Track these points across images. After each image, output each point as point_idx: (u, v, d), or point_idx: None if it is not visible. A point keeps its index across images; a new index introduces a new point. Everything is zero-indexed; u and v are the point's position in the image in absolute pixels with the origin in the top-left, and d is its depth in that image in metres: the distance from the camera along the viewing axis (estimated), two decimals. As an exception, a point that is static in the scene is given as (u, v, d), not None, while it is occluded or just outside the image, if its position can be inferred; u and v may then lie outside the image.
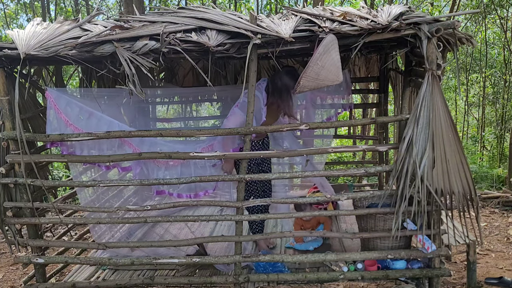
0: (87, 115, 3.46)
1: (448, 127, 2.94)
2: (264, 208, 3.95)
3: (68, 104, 3.37)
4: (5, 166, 3.26)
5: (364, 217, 3.54)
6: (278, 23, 3.00)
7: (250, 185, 3.89)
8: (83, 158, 3.38)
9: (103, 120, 3.46)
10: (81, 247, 4.09)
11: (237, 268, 3.38)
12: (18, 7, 10.96)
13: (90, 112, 3.45)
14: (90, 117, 3.46)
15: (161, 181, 3.28)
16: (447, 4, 10.46)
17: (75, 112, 3.40)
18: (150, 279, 3.40)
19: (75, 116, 3.42)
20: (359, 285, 3.54)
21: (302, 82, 3.00)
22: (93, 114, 3.47)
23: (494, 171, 7.87)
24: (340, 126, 4.03)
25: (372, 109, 6.88)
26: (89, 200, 3.84)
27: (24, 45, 2.86)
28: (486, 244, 4.61)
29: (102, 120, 3.46)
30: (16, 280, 4.17)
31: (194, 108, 5.66)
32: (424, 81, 2.91)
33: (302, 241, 4.11)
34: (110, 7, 11.37)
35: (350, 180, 7.62)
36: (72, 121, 3.38)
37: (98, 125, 3.42)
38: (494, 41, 10.65)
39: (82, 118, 3.46)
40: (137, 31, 2.95)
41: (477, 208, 3.01)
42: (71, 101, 3.41)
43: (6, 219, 3.35)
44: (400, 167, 3.00)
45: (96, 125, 3.42)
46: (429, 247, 3.15)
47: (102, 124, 3.43)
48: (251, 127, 3.15)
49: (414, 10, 3.10)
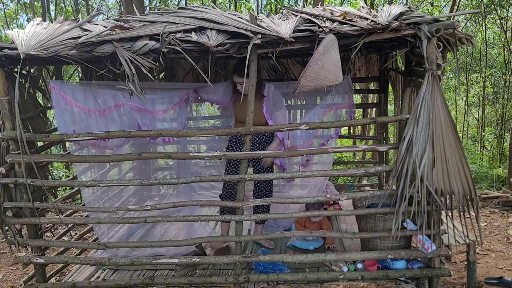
0: (93, 96, 3.52)
1: (448, 127, 2.94)
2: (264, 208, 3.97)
3: (73, 90, 3.43)
4: (5, 166, 3.26)
5: (364, 217, 3.54)
6: (278, 23, 3.00)
7: (232, 187, 3.85)
8: (83, 158, 3.38)
9: (107, 94, 3.56)
10: (81, 247, 4.09)
11: (237, 268, 3.38)
12: (18, 7, 10.96)
13: (95, 92, 3.53)
14: (96, 96, 3.53)
15: (161, 181, 3.28)
16: (447, 4, 10.46)
17: (81, 95, 3.46)
18: (150, 279, 3.40)
19: (82, 98, 3.47)
20: (359, 285, 3.54)
21: (302, 82, 3.00)
22: (98, 93, 3.55)
23: (494, 171, 7.87)
24: (340, 126, 4.02)
25: (372, 109, 6.88)
26: (89, 200, 3.84)
27: (24, 45, 2.85)
28: (486, 244, 4.61)
29: (107, 94, 3.56)
30: (16, 280, 4.17)
31: (194, 108, 5.66)
32: (424, 81, 2.90)
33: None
34: (110, 7, 11.37)
35: (350, 180, 7.62)
36: (80, 103, 3.43)
37: (105, 100, 3.54)
38: (494, 41, 10.65)
39: (90, 99, 3.50)
40: (137, 31, 2.95)
41: (477, 208, 3.01)
42: (75, 87, 3.50)
43: (6, 219, 3.35)
44: (400, 167, 3.00)
45: (103, 100, 3.53)
46: (429, 247, 3.15)
47: (108, 98, 3.54)
48: (251, 127, 3.14)
49: (414, 10, 3.10)
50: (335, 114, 4.43)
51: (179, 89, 4.20)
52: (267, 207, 4.03)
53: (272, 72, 5.48)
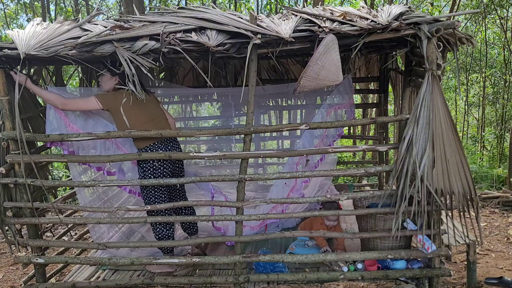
0: (85, 116, 3.57)
1: (448, 127, 2.94)
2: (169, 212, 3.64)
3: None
4: (5, 166, 3.26)
5: (364, 217, 3.54)
6: (278, 23, 2.99)
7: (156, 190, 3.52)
8: (83, 158, 3.39)
9: (99, 122, 3.59)
10: (81, 247, 4.09)
11: (237, 268, 3.38)
12: (18, 7, 10.94)
13: (87, 114, 3.57)
14: (87, 119, 3.58)
15: (161, 181, 3.28)
16: (447, 4, 10.45)
17: (74, 112, 3.49)
18: (150, 279, 3.40)
19: (73, 116, 3.52)
20: (359, 285, 3.54)
21: (302, 82, 3.00)
22: (90, 116, 3.59)
23: (494, 171, 7.86)
24: (340, 126, 4.01)
25: (372, 109, 6.89)
26: (89, 200, 3.84)
27: (24, 45, 2.86)
28: (486, 244, 4.61)
29: (98, 123, 3.58)
30: (16, 280, 4.16)
31: (194, 108, 5.67)
32: (424, 81, 2.90)
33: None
34: (110, 7, 11.36)
35: (350, 180, 7.62)
36: (71, 121, 3.47)
37: (95, 126, 3.55)
38: (494, 41, 10.64)
39: (80, 118, 3.53)
40: (137, 31, 2.95)
41: (477, 208, 3.01)
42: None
43: (6, 219, 3.35)
44: (400, 167, 3.00)
45: (93, 126, 3.54)
46: (429, 247, 3.15)
47: (99, 126, 3.55)
48: (251, 127, 3.14)
49: (414, 10, 3.10)
50: (335, 114, 4.42)
51: None
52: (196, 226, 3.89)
53: (272, 72, 5.48)
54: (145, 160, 3.37)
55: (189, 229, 3.84)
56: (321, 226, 3.78)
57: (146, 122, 3.37)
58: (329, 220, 3.76)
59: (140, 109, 3.34)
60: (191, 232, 3.85)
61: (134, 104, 3.26)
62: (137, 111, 3.33)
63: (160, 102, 3.73)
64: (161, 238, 3.56)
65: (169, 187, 3.60)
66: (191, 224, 3.82)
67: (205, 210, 4.81)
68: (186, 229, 3.85)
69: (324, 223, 3.79)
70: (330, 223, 3.77)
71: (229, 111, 5.63)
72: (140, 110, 3.34)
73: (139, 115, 3.35)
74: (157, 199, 3.48)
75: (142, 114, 3.37)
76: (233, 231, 3.41)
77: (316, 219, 3.85)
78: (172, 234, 3.58)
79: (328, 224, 3.78)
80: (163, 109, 3.69)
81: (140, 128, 3.29)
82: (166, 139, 3.47)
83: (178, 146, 3.60)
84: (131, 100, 3.22)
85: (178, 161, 3.58)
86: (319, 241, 3.77)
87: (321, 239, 3.76)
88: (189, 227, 3.83)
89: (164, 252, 3.62)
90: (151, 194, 3.48)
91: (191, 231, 3.85)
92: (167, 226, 3.55)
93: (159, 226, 3.54)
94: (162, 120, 3.51)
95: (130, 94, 3.16)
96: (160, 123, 3.46)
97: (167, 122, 3.57)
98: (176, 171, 3.59)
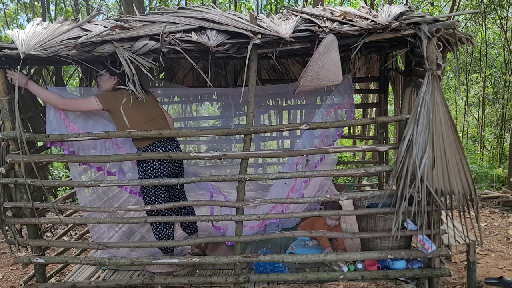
0: (85, 116, 3.56)
1: (448, 127, 2.94)
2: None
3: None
4: (5, 166, 3.26)
5: (364, 217, 3.54)
6: (278, 23, 3.00)
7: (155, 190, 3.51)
8: (83, 158, 3.39)
9: (99, 122, 3.59)
10: (81, 247, 4.09)
11: (237, 268, 3.38)
12: (18, 7, 10.94)
13: (87, 114, 3.56)
14: (87, 119, 3.57)
15: (161, 181, 3.28)
16: (447, 4, 10.45)
17: (74, 112, 3.48)
18: (150, 279, 3.40)
19: (73, 116, 3.51)
20: (359, 285, 3.54)
21: (302, 81, 3.00)
22: (90, 116, 3.58)
23: (494, 171, 7.86)
24: (340, 126, 4.01)
25: (372, 109, 6.89)
26: (89, 200, 3.84)
27: (24, 45, 2.86)
28: (486, 244, 4.61)
29: (98, 123, 3.58)
30: (16, 280, 4.17)
31: (194, 108, 5.67)
32: (424, 81, 2.90)
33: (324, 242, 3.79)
34: (110, 7, 11.36)
35: (350, 180, 7.62)
36: (71, 121, 3.47)
37: (95, 126, 3.54)
38: (494, 41, 10.64)
39: (80, 118, 3.53)
40: (137, 31, 2.95)
41: (477, 208, 3.01)
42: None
43: (6, 219, 3.35)
44: (400, 167, 3.00)
45: (93, 126, 3.54)
46: (429, 247, 3.15)
47: (99, 127, 3.55)
48: (251, 127, 3.14)
49: (414, 10, 3.10)
50: (335, 114, 4.42)
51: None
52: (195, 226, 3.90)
53: (272, 72, 5.48)
54: (145, 159, 3.37)
55: (188, 228, 3.84)
56: (324, 227, 3.79)
57: (146, 122, 3.37)
58: (331, 219, 3.78)
59: (140, 109, 3.34)
60: (191, 232, 3.85)
61: (134, 104, 3.26)
62: (137, 111, 3.33)
63: (159, 102, 3.74)
64: (161, 238, 3.57)
65: (169, 187, 3.61)
66: (191, 223, 3.83)
67: (205, 210, 4.82)
68: (185, 228, 3.85)
69: (326, 223, 3.81)
70: (333, 222, 3.79)
71: (229, 111, 5.64)
72: (139, 110, 3.34)
73: (139, 115, 3.35)
74: (157, 199, 3.48)
75: (142, 114, 3.37)
76: (233, 231, 3.41)
77: (319, 220, 3.86)
78: (172, 234, 3.59)
79: (330, 224, 3.79)
80: (162, 108, 3.70)
81: (139, 128, 3.29)
82: (165, 139, 3.47)
83: (178, 146, 3.61)
84: (131, 100, 3.22)
85: (177, 160, 3.59)
86: (322, 241, 3.77)
87: (325, 240, 3.76)
88: (188, 226, 3.84)
89: (164, 252, 3.62)
90: (151, 194, 3.49)
91: (190, 230, 3.85)
92: (167, 226, 3.56)
93: (159, 226, 3.55)
94: (162, 120, 3.51)
95: (130, 94, 3.16)
96: (159, 122, 3.47)
97: (166, 122, 3.57)
98: (176, 171, 3.60)
